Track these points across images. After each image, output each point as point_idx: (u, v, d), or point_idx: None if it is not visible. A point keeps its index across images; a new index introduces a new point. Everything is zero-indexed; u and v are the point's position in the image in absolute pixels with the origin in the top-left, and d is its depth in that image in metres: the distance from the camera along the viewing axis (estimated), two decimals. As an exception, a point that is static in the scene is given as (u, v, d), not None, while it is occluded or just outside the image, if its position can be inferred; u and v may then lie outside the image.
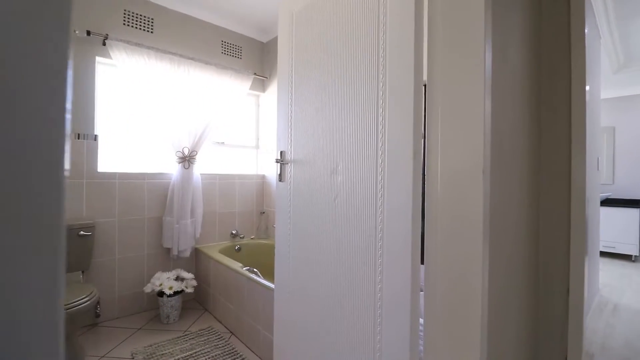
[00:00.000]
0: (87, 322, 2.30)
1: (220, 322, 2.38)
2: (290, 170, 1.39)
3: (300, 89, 1.33)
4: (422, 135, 0.91)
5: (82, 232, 2.15)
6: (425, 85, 0.91)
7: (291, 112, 1.38)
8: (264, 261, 2.97)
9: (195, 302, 2.77)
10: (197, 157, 2.73)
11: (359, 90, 1.05)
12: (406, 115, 0.90)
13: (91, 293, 1.88)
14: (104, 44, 2.32)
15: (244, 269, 2.18)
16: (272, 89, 3.23)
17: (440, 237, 0.83)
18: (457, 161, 0.80)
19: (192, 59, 2.70)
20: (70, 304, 1.72)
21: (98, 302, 2.33)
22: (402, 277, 0.87)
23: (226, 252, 2.87)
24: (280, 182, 1.45)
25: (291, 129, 1.38)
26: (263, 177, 3.35)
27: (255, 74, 3.14)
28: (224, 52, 3.04)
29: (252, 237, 3.21)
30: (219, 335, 2.17)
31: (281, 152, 1.44)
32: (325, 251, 1.18)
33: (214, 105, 2.82)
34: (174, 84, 2.60)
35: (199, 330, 2.23)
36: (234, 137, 3.25)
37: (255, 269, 2.18)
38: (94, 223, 2.26)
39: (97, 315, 2.33)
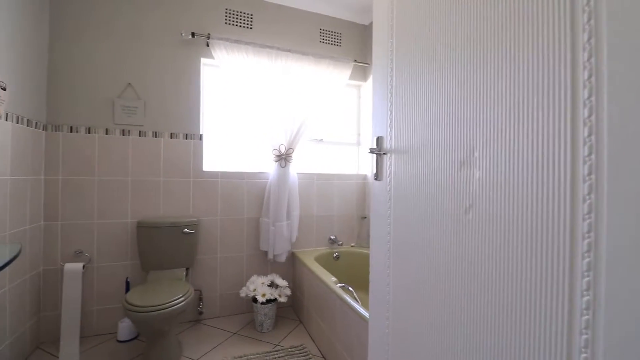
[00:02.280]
0: (186, 318, 2.35)
1: (314, 341, 2.09)
2: (390, 165, 0.95)
3: (404, 40, 0.88)
4: None
5: (186, 230, 2.19)
6: None
7: (391, 77, 0.94)
8: (364, 274, 2.56)
9: (291, 310, 2.58)
10: (294, 156, 2.53)
11: None
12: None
13: (187, 292, 1.85)
14: (207, 45, 2.35)
15: (338, 285, 1.83)
16: (376, 75, 2.80)
17: None
18: None
19: (289, 51, 2.53)
20: (166, 303, 1.69)
21: (201, 299, 2.38)
22: None
23: (323, 259, 2.59)
24: (377, 182, 1.02)
25: (391, 104, 0.95)
26: (365, 177, 2.96)
27: (355, 60, 2.79)
28: (322, 40, 2.79)
29: (352, 244, 2.86)
30: (309, 358, 1.88)
31: (377, 139, 1.02)
32: (447, 303, 0.70)
33: (311, 99, 2.59)
34: (270, 79, 2.47)
35: (291, 348, 2.00)
36: (333, 133, 2.96)
37: (350, 287, 1.80)
38: (198, 221, 2.29)
39: (200, 313, 2.37)
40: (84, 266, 2.00)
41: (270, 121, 2.46)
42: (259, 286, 2.25)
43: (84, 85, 2.10)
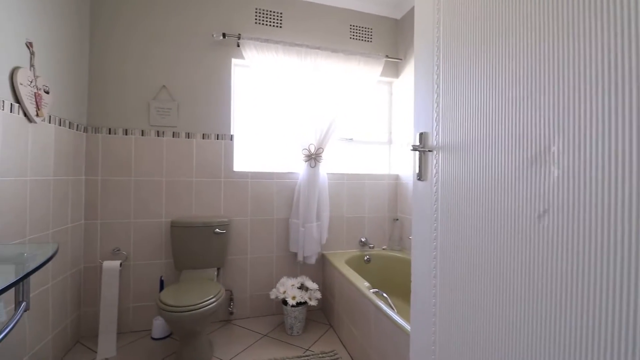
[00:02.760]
0: (217, 318, 2.36)
1: (345, 348, 2.02)
2: (437, 163, 0.86)
3: (454, 24, 0.79)
4: None
5: (217, 230, 2.19)
6: None
7: (437, 66, 0.85)
8: (397, 279, 2.46)
9: (321, 313, 2.52)
10: (324, 155, 2.48)
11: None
12: None
13: (218, 293, 1.84)
14: (238, 45, 2.35)
15: (371, 291, 1.75)
16: (408, 71, 2.68)
17: None
18: None
19: (318, 48, 2.48)
20: (198, 304, 1.69)
21: (232, 300, 2.38)
22: None
23: (354, 262, 2.51)
24: (420, 182, 0.94)
25: (437, 96, 0.86)
26: (397, 177, 2.84)
27: (387, 56, 2.68)
28: (352, 36, 2.71)
29: (384, 247, 2.75)
30: (341, 365, 1.81)
31: (421, 135, 0.93)
32: (511, 321, 0.60)
33: (341, 97, 2.52)
34: (300, 77, 2.43)
35: (321, 353, 1.94)
36: (363, 132, 2.87)
37: (385, 294, 1.71)
38: (228, 221, 2.29)
39: (231, 313, 2.37)
40: (121, 264, 2.06)
41: (300, 120, 2.42)
42: (288, 288, 2.21)
43: (121, 88, 2.17)
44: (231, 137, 2.41)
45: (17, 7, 1.41)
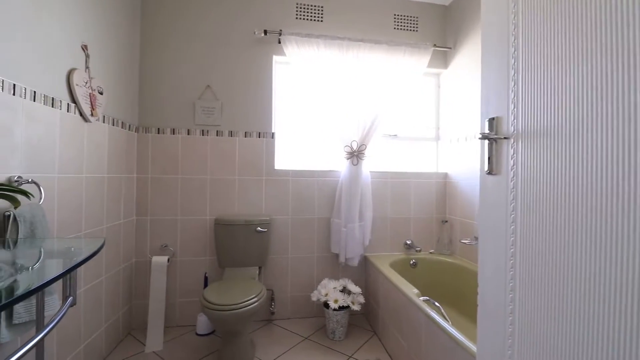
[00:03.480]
0: (259, 317, 2.34)
1: (391, 358, 1.89)
2: (514, 153, 0.72)
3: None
4: None
5: (259, 229, 2.17)
6: None
7: (514, 36, 0.71)
8: (447, 287, 2.27)
9: (364, 318, 2.40)
10: (366, 152, 2.36)
11: None
12: None
13: (260, 292, 1.81)
14: (279, 42, 2.31)
15: (421, 298, 1.60)
16: (459, 61, 2.47)
17: None
18: None
19: (361, 40, 2.37)
20: (240, 303, 1.67)
21: (273, 299, 2.35)
22: None
23: (399, 265, 2.36)
24: (490, 176, 0.79)
25: (515, 72, 0.71)
26: (445, 175, 2.64)
27: (435, 45, 2.49)
28: (396, 27, 2.56)
29: (431, 251, 2.56)
30: (387, 376, 1.68)
31: (491, 121, 0.79)
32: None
33: (385, 91, 2.38)
34: (342, 71, 2.34)
35: (365, 361, 1.83)
36: (408, 127, 2.70)
37: (437, 303, 1.55)
38: (270, 220, 2.26)
39: (272, 313, 2.34)
40: (168, 259, 2.11)
41: (342, 116, 2.32)
42: (330, 291, 2.13)
43: (169, 89, 2.24)
44: (272, 135, 2.39)
45: (73, 11, 1.48)
